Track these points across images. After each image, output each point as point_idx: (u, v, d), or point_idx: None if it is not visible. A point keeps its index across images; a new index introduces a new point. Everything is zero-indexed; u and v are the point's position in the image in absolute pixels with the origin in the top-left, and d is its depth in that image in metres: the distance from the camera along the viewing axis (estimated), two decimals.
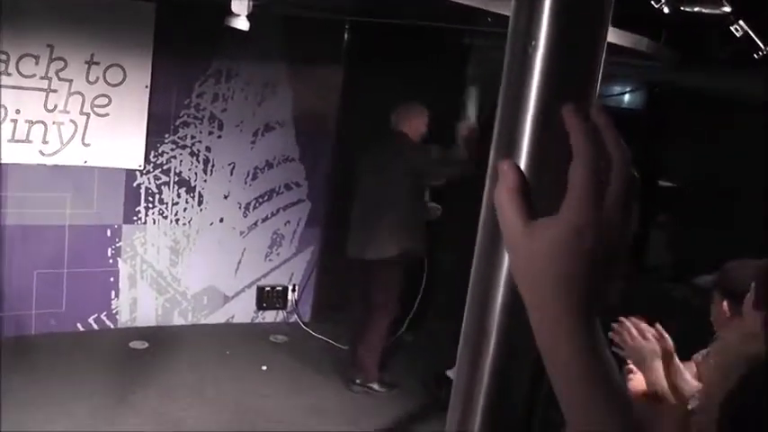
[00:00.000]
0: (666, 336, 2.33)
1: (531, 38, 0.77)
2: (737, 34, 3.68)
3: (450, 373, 5.19)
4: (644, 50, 4.28)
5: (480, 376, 0.82)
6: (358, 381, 5.45)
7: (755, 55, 3.68)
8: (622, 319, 2.33)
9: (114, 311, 5.87)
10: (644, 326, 2.33)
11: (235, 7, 4.16)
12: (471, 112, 6.47)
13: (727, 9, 3.63)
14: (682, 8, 3.74)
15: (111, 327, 5.86)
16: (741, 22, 3.63)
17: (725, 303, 2.35)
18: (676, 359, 2.34)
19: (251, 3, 4.17)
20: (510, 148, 0.78)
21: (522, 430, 0.84)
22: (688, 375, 2.32)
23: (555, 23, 0.76)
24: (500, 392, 0.82)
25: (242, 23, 4.25)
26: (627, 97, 7.40)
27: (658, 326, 2.34)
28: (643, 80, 7.10)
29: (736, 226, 5.87)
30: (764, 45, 3.66)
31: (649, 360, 2.29)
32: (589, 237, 0.67)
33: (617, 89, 7.14)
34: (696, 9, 3.71)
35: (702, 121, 6.36)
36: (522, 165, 0.74)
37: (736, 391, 1.27)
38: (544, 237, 0.68)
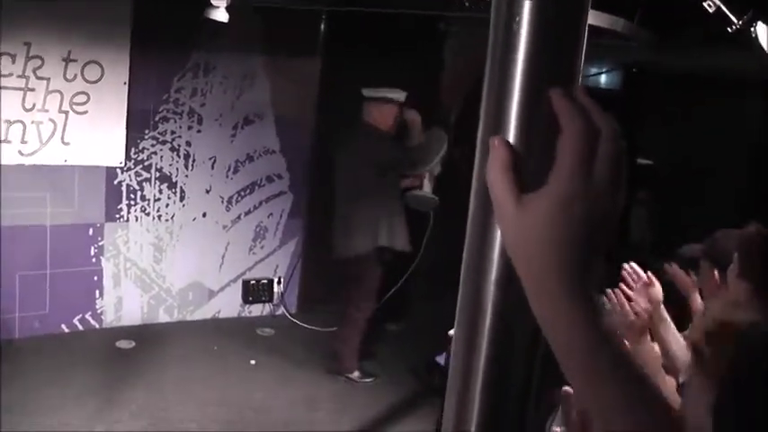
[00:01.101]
0: (657, 284, 2.34)
1: (514, 14, 0.77)
2: (710, 10, 3.68)
3: (440, 360, 5.20)
4: (620, 31, 4.28)
5: (477, 354, 0.82)
6: (338, 371, 5.47)
7: (729, 29, 3.68)
8: (610, 292, 2.33)
9: (99, 311, 5.84)
10: (631, 304, 2.32)
11: None
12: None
13: None
14: None
15: (97, 327, 5.83)
16: None
17: (715, 272, 2.37)
18: (665, 314, 2.35)
19: None
20: (497, 126, 0.78)
21: (521, 405, 0.85)
22: (678, 336, 2.33)
23: None
24: (498, 369, 0.82)
25: (221, 15, 4.24)
26: (604, 78, 7.44)
27: (650, 274, 2.35)
28: (620, 60, 7.13)
29: (709, 202, 5.93)
30: (737, 20, 3.67)
31: (639, 336, 2.31)
32: (577, 206, 0.68)
33: (594, 70, 7.17)
34: None
35: (678, 99, 6.41)
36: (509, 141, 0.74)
37: (732, 362, 1.29)
38: (534, 209, 0.69)
